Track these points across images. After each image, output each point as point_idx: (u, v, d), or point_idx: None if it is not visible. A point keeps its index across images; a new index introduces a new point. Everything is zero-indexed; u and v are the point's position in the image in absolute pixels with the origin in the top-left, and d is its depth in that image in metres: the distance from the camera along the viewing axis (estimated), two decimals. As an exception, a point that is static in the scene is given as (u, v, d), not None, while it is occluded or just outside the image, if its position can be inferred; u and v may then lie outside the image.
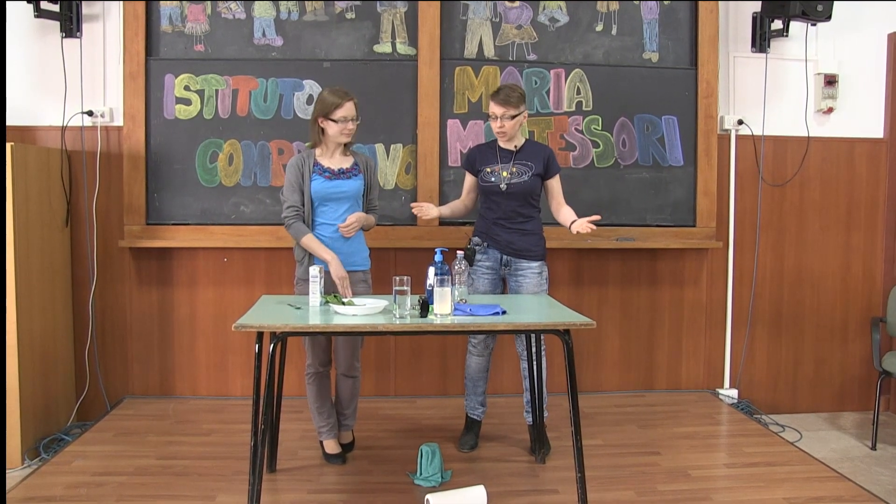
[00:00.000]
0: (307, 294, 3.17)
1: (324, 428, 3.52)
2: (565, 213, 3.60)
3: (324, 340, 3.45)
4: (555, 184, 3.64)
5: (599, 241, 4.38)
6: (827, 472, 3.47)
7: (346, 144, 3.45)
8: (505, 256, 3.59)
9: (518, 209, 3.56)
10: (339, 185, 3.39)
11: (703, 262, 4.61)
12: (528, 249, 3.58)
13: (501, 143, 3.61)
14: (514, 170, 3.55)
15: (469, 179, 3.71)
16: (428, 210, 3.56)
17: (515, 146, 3.60)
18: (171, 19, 4.23)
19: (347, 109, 3.32)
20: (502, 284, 3.68)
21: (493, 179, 3.57)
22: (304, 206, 3.38)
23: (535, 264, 3.59)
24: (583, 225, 3.37)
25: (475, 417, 3.76)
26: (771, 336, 4.67)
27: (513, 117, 3.48)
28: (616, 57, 4.42)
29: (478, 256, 3.61)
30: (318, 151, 3.43)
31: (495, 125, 3.52)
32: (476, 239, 3.64)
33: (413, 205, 3.60)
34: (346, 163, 3.45)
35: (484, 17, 4.35)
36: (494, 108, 3.50)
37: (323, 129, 3.37)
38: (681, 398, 4.53)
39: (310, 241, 3.35)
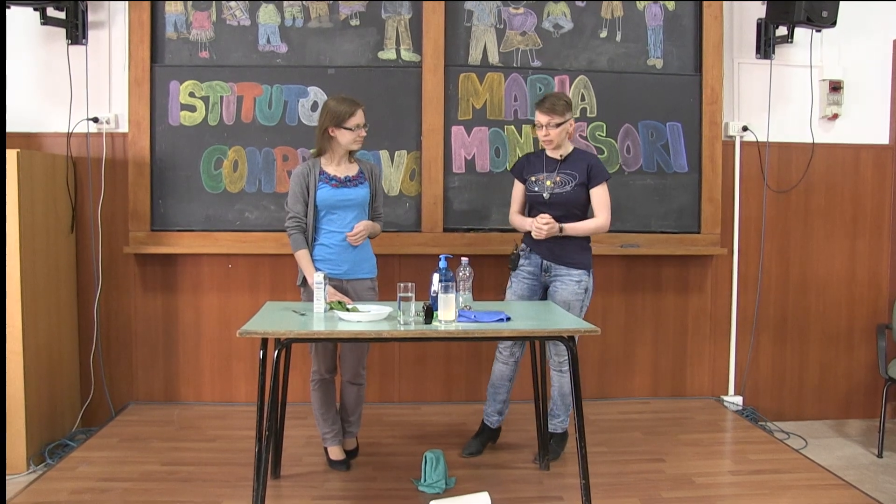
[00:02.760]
0: (311, 299, 3.18)
1: (328, 434, 3.52)
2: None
3: (330, 347, 3.45)
4: (594, 193, 3.55)
5: (604, 248, 4.37)
6: (832, 479, 3.46)
7: (351, 152, 3.46)
8: (545, 262, 3.57)
9: (562, 219, 3.48)
10: (346, 192, 3.40)
11: (708, 269, 4.60)
12: (569, 256, 3.54)
13: (548, 152, 3.59)
14: (559, 179, 3.54)
15: (518, 188, 3.70)
16: (554, 225, 3.45)
17: (561, 155, 3.57)
18: (177, 26, 4.25)
19: (360, 117, 3.34)
20: (542, 291, 3.64)
21: (536, 189, 3.57)
22: (306, 216, 3.39)
23: (575, 272, 3.54)
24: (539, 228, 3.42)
25: (488, 424, 3.73)
26: (776, 343, 4.66)
27: (558, 125, 3.46)
28: (620, 63, 4.42)
29: (521, 261, 3.61)
30: (323, 160, 3.44)
31: (540, 133, 3.51)
32: (523, 245, 3.65)
33: (544, 227, 3.42)
34: (352, 170, 3.46)
35: (488, 24, 4.35)
36: (539, 117, 3.48)
37: (332, 138, 3.37)
38: (685, 405, 4.52)
39: (301, 257, 3.38)
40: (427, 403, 4.49)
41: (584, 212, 3.59)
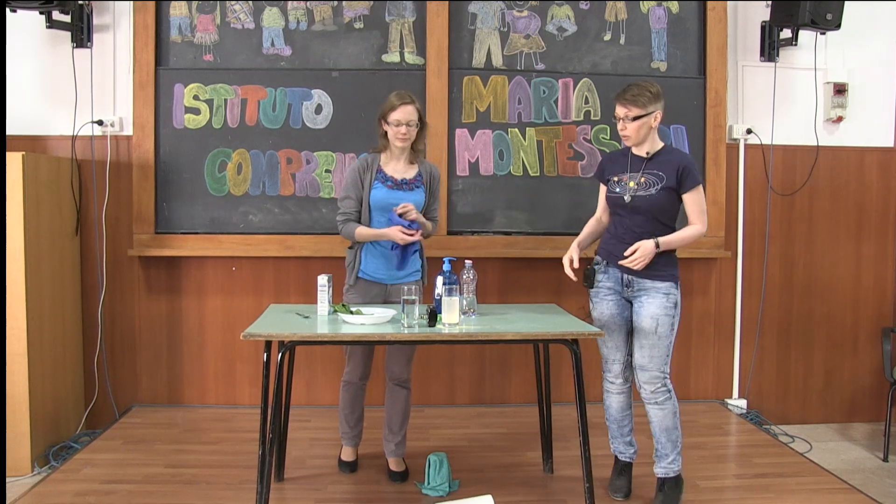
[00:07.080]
0: (356, 301, 3.20)
1: (347, 434, 3.50)
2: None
3: (365, 354, 3.39)
4: (687, 199, 3.09)
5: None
6: (838, 483, 3.45)
7: (414, 151, 3.37)
8: (626, 276, 3.12)
9: (645, 226, 3.07)
10: (399, 196, 3.30)
11: (712, 272, 4.59)
12: (653, 267, 3.04)
13: (633, 149, 3.16)
14: (643, 180, 3.08)
15: (603, 193, 3.28)
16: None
17: (647, 153, 3.11)
18: (181, 29, 4.26)
19: (402, 113, 3.23)
20: (630, 308, 3.20)
21: (618, 190, 3.12)
22: (353, 212, 3.32)
23: (661, 284, 3.07)
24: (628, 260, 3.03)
25: (626, 459, 3.34)
26: (780, 346, 4.64)
27: (635, 119, 3.03)
28: (624, 66, 4.42)
29: (598, 277, 3.20)
30: (383, 157, 3.37)
31: (618, 126, 3.10)
32: (598, 258, 3.23)
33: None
34: (411, 172, 3.37)
35: (492, 27, 4.36)
36: (617, 109, 3.07)
37: (386, 133, 3.32)
38: (689, 408, 4.49)
39: (363, 230, 3.28)
40: (431, 406, 4.48)
41: (671, 220, 3.13)
